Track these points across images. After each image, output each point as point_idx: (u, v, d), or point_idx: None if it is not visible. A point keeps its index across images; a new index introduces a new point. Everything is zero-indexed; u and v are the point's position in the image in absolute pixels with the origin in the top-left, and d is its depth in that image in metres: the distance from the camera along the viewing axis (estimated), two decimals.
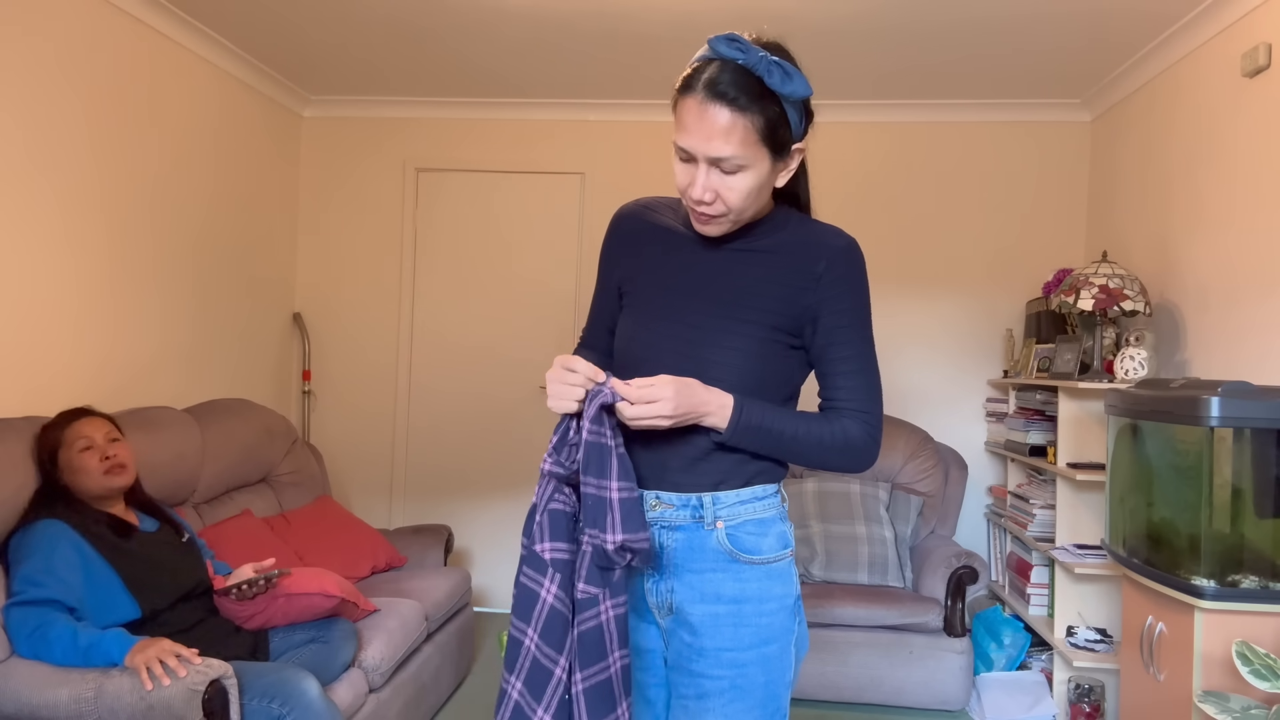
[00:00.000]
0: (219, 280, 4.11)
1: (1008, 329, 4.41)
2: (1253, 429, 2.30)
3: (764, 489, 1.49)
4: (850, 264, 1.45)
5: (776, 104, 1.35)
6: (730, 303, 1.46)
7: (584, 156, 4.71)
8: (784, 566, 1.49)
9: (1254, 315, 2.95)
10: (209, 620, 2.57)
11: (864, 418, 1.46)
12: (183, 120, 3.80)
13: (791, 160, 1.43)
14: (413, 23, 3.67)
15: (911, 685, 3.58)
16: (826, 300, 1.44)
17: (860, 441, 1.46)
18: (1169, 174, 3.58)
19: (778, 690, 1.47)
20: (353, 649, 2.71)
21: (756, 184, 1.39)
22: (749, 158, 1.36)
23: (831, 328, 1.45)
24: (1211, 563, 2.32)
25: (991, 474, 4.49)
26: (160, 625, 2.43)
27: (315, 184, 4.85)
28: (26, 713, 2.14)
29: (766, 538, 1.48)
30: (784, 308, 1.45)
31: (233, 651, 2.50)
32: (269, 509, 3.64)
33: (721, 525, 1.46)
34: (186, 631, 2.47)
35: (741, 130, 1.34)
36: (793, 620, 1.49)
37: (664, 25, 3.61)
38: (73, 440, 2.50)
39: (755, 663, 1.45)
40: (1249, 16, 3.04)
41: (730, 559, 1.46)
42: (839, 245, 1.46)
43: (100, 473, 2.49)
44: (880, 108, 4.48)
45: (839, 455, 1.46)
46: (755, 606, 1.45)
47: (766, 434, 1.42)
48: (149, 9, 3.48)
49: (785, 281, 1.45)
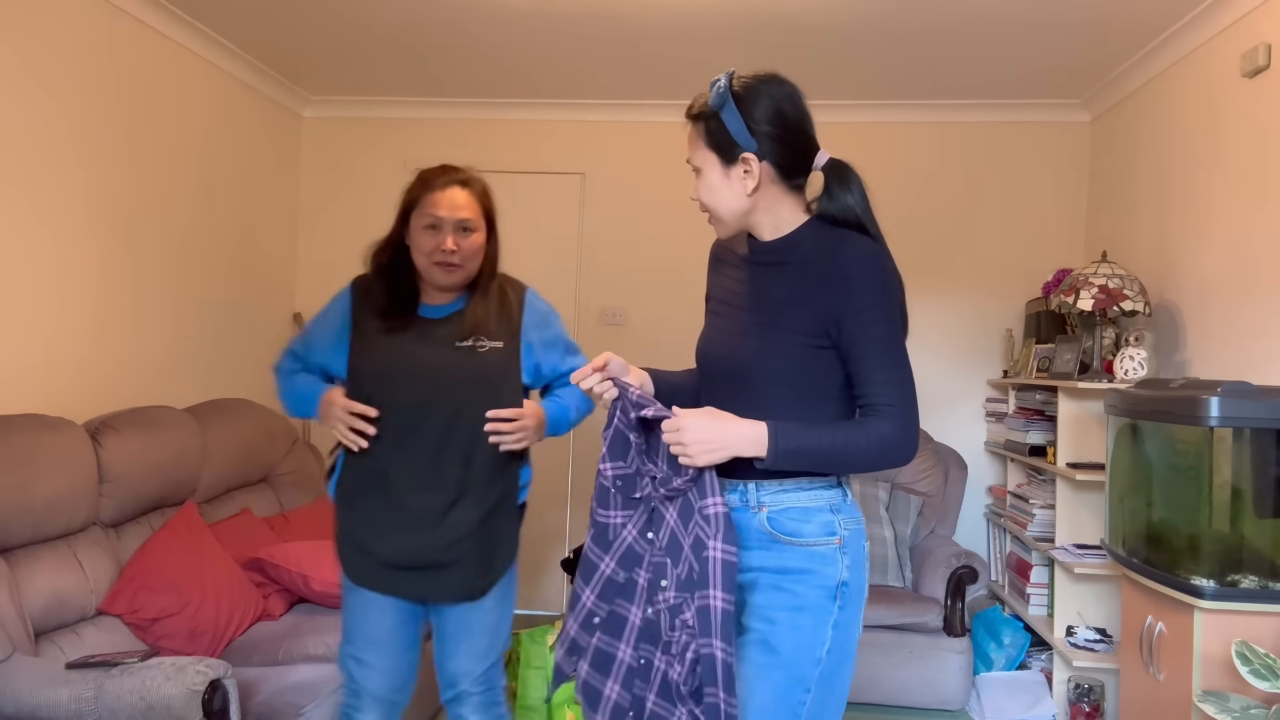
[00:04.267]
0: (219, 280, 4.11)
1: (1007, 329, 4.41)
2: (1252, 429, 2.31)
3: (810, 481, 1.61)
4: (866, 267, 1.56)
5: (715, 117, 1.60)
6: (766, 312, 1.63)
7: (584, 156, 4.71)
8: (829, 552, 1.59)
9: (1254, 315, 2.95)
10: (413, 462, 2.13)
11: (893, 411, 1.54)
12: (183, 120, 3.80)
13: (744, 166, 1.60)
14: (413, 23, 3.67)
15: (911, 685, 3.58)
16: (845, 303, 1.55)
17: (895, 438, 1.54)
18: (1169, 174, 3.58)
19: (805, 661, 1.57)
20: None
21: (714, 184, 1.63)
22: (700, 159, 1.64)
23: (853, 328, 1.55)
24: (1211, 562, 2.33)
25: (991, 474, 4.49)
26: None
27: (315, 184, 4.85)
28: (26, 713, 2.14)
29: (809, 524, 1.60)
30: (810, 314, 1.58)
31: (416, 512, 2.13)
32: (269, 509, 3.64)
33: (765, 510, 1.61)
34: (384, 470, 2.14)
35: (693, 138, 1.65)
36: (831, 601, 1.58)
37: (664, 25, 3.61)
38: (426, 208, 2.18)
39: (787, 625, 1.57)
40: (1249, 17, 3.04)
41: (771, 540, 1.60)
42: (854, 251, 1.57)
43: (430, 262, 2.15)
44: (880, 108, 4.48)
45: (879, 456, 1.54)
46: (795, 578, 1.59)
47: (805, 454, 1.53)
48: (149, 9, 3.48)
49: (809, 289, 1.59)
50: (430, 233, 2.15)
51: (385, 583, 2.14)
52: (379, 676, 2.19)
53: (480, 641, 2.21)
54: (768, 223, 1.65)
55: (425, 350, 2.15)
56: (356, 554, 2.16)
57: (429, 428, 2.12)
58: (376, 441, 2.13)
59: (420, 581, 2.13)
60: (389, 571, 2.13)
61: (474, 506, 2.13)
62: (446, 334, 2.17)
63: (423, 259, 2.16)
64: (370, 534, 2.14)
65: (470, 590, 2.15)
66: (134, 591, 2.74)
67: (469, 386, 2.13)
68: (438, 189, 2.19)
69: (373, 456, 2.14)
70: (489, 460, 2.14)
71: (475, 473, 2.13)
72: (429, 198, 2.18)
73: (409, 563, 2.12)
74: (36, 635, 2.50)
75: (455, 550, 2.11)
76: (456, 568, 2.12)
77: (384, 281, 2.22)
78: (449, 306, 2.22)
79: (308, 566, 3.06)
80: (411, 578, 2.13)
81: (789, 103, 1.60)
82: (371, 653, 2.19)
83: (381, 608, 2.17)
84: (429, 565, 2.12)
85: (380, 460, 2.14)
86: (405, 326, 2.17)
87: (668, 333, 4.58)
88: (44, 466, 2.56)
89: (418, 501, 2.11)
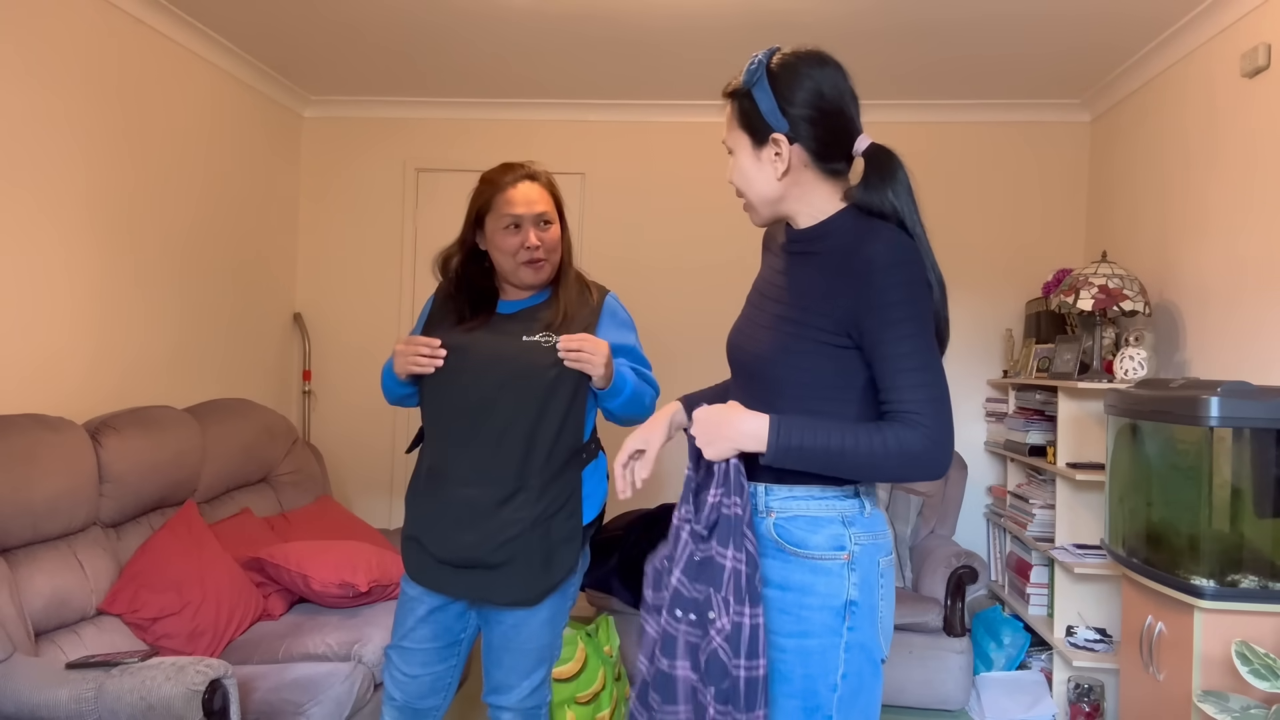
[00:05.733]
0: (219, 280, 4.11)
1: (1007, 329, 4.41)
2: (1252, 429, 2.31)
3: (823, 490, 1.51)
4: (892, 262, 1.43)
5: (748, 95, 1.53)
6: (792, 306, 1.53)
7: (584, 156, 4.72)
8: (834, 567, 1.48)
9: (1254, 315, 2.96)
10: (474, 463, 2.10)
11: (918, 420, 1.40)
12: (183, 120, 3.80)
13: (774, 148, 1.52)
14: (412, 23, 3.67)
15: (911, 685, 3.58)
16: (865, 301, 1.43)
17: (917, 448, 1.40)
18: (1168, 174, 3.58)
19: (818, 688, 1.47)
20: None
21: (745, 166, 1.56)
22: (733, 140, 1.57)
23: (874, 328, 1.43)
24: (1211, 562, 2.33)
25: (991, 474, 4.49)
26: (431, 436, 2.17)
27: (315, 184, 4.85)
28: (26, 713, 2.14)
29: (817, 535, 1.49)
30: (830, 308, 1.46)
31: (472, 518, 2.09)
32: (269, 509, 3.64)
33: (773, 516, 1.52)
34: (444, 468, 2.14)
35: (729, 117, 1.58)
36: (839, 622, 1.47)
37: (664, 26, 3.61)
38: (502, 209, 2.14)
39: (794, 652, 1.48)
40: (1249, 17, 3.04)
41: (777, 548, 1.51)
42: (882, 245, 1.44)
43: (518, 263, 2.14)
44: (880, 108, 4.48)
45: (899, 466, 1.41)
46: (797, 598, 1.49)
47: (810, 453, 1.42)
48: (149, 9, 3.48)
49: (833, 284, 1.47)
50: (512, 232, 2.12)
51: (437, 580, 2.11)
52: (403, 681, 2.19)
53: (525, 660, 2.14)
54: (803, 210, 1.55)
55: (490, 343, 2.12)
56: (413, 549, 2.15)
57: (488, 421, 2.07)
58: (437, 437, 2.13)
59: (472, 581, 2.08)
60: (442, 569, 2.10)
61: (530, 504, 2.06)
62: (516, 328, 2.14)
63: (507, 260, 2.14)
64: (425, 529, 2.12)
65: (523, 595, 2.07)
66: (134, 591, 2.74)
67: (528, 380, 2.07)
68: (509, 186, 2.14)
69: (433, 451, 2.14)
70: (548, 457, 2.08)
71: (532, 468, 2.07)
72: (503, 197, 2.13)
73: (461, 560, 2.08)
74: (37, 635, 2.50)
75: (508, 549, 2.05)
76: (509, 569, 2.06)
77: (462, 288, 2.21)
78: (526, 301, 2.20)
79: (308, 566, 3.06)
80: (463, 576, 2.08)
81: (828, 82, 1.51)
82: (398, 655, 2.19)
83: (418, 613, 2.16)
84: (480, 564, 2.07)
85: (439, 454, 2.12)
86: (481, 325, 2.16)
87: (668, 332, 4.59)
88: (44, 466, 2.56)
89: (472, 495, 2.07)
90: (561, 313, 2.14)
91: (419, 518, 2.15)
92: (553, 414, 2.08)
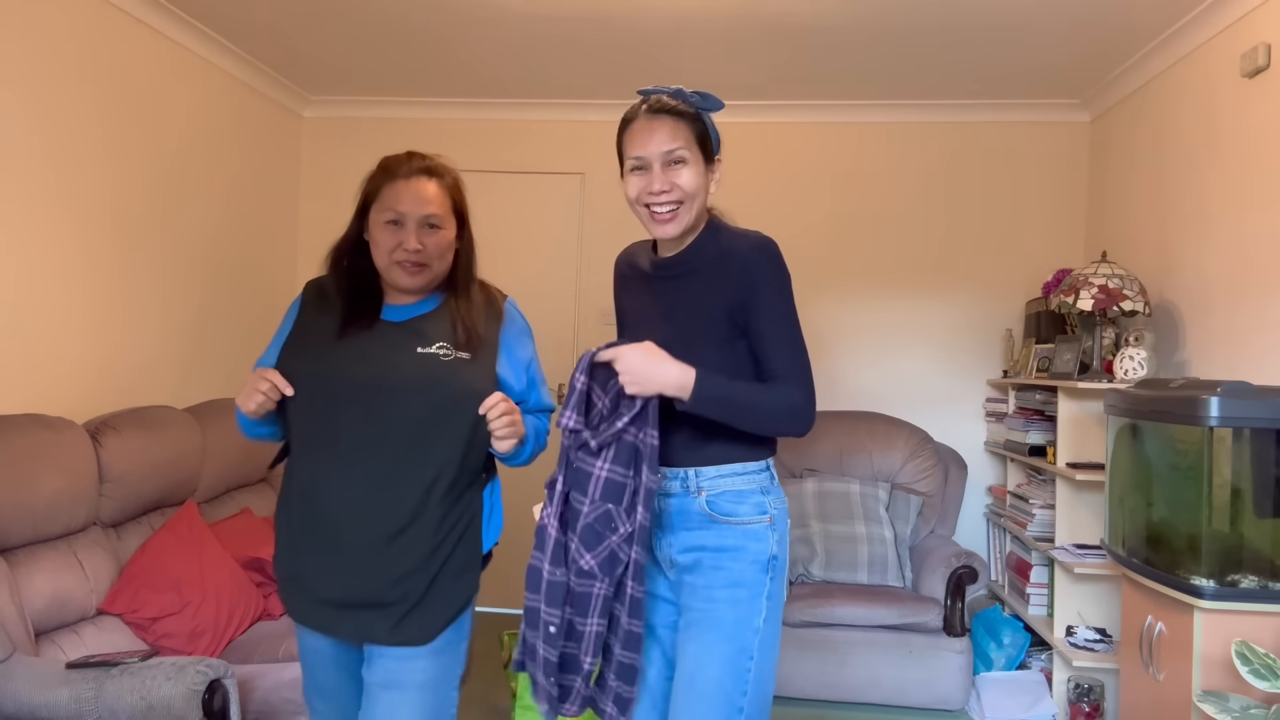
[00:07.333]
0: (219, 280, 4.11)
1: (1007, 329, 4.41)
2: (1252, 429, 2.31)
3: (744, 466, 1.78)
4: (760, 259, 1.73)
5: (700, 121, 1.77)
6: (683, 321, 1.78)
7: (584, 156, 4.71)
8: (760, 529, 1.76)
9: (1254, 315, 2.96)
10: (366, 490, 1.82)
11: (797, 380, 1.72)
12: (183, 121, 3.80)
13: (716, 171, 1.80)
14: (412, 23, 3.67)
15: (911, 685, 3.59)
16: (745, 292, 1.73)
17: (799, 403, 1.72)
18: (1168, 174, 3.58)
19: (745, 632, 1.73)
20: None
21: (697, 177, 1.75)
22: (690, 155, 1.75)
23: (755, 312, 1.73)
24: (1211, 562, 2.33)
25: (991, 474, 4.49)
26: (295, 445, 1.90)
27: (315, 184, 4.85)
28: (26, 713, 2.14)
29: (743, 505, 1.77)
30: (721, 313, 1.74)
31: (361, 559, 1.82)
32: (269, 509, 3.64)
33: (704, 494, 1.77)
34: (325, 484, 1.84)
35: (684, 132, 1.76)
36: (764, 575, 1.76)
37: (664, 27, 3.61)
38: (387, 201, 1.88)
39: (726, 601, 1.74)
40: (1249, 17, 3.04)
41: (710, 520, 1.77)
42: (747, 246, 1.75)
43: (391, 261, 1.87)
44: (880, 108, 4.48)
45: (785, 418, 1.72)
46: (731, 555, 1.75)
47: (723, 402, 1.69)
48: (149, 9, 3.49)
49: (716, 290, 1.75)
50: (391, 229, 1.85)
51: (322, 621, 1.85)
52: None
53: (408, 702, 1.82)
54: (696, 225, 1.81)
55: (376, 355, 1.84)
56: (293, 589, 1.88)
57: (371, 442, 1.80)
58: (312, 462, 1.84)
59: (358, 621, 1.81)
60: (324, 608, 1.83)
61: (428, 535, 1.81)
62: (407, 339, 1.86)
63: (383, 258, 1.87)
64: (305, 566, 1.84)
65: (416, 634, 1.82)
66: (134, 591, 2.74)
67: (422, 397, 1.82)
68: (401, 179, 1.89)
69: (307, 475, 1.84)
70: (451, 483, 1.84)
71: (433, 496, 1.81)
72: (390, 189, 1.88)
73: (347, 600, 1.81)
74: (37, 635, 2.50)
75: (402, 586, 1.80)
76: (399, 606, 1.80)
77: (341, 283, 1.92)
78: (414, 308, 1.92)
79: None
80: (348, 615, 1.82)
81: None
82: (319, 699, 1.95)
83: (327, 663, 1.92)
84: (368, 604, 1.80)
85: (316, 480, 1.83)
86: (361, 331, 1.87)
87: None
88: (44, 466, 2.56)
89: (359, 527, 1.79)
90: (461, 326, 1.89)
91: (297, 554, 1.86)
92: (456, 434, 1.83)
